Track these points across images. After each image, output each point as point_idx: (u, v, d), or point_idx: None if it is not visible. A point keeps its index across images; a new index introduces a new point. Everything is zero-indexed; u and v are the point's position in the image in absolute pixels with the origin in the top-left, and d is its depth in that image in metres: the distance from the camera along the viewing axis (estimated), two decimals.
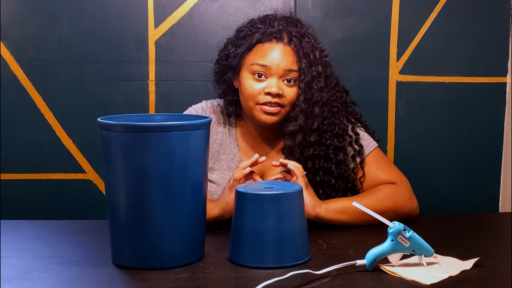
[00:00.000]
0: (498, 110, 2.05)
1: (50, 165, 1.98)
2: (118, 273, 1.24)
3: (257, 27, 1.62)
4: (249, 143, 1.68)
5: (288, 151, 1.59)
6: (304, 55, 1.57)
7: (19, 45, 1.94)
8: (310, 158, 1.58)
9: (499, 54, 2.03)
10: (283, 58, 1.56)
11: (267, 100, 1.55)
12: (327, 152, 1.60)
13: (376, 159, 1.66)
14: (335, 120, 1.61)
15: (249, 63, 1.58)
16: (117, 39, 1.95)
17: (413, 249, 1.23)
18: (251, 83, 1.56)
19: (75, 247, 1.41)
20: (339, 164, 1.61)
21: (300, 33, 1.60)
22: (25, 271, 1.24)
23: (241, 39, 1.62)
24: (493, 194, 2.08)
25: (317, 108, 1.57)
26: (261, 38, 1.58)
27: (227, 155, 1.66)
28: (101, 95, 1.96)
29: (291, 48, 1.57)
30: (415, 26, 2.00)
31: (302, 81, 1.56)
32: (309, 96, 1.56)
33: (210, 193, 1.62)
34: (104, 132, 1.24)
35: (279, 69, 1.55)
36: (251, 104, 1.57)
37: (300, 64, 1.56)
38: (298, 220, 1.28)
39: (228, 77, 1.64)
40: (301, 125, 1.56)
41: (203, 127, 1.27)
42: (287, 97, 1.56)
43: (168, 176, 1.22)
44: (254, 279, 1.18)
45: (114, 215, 1.27)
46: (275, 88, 1.54)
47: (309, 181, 1.55)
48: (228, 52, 1.64)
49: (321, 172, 1.60)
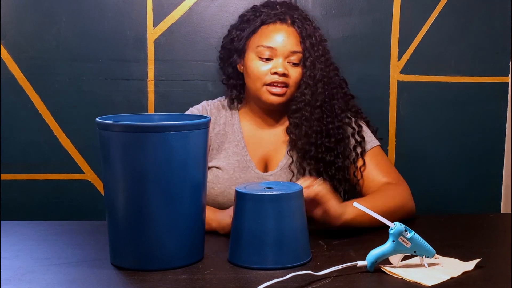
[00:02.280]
0: (500, 109, 2.04)
1: (48, 166, 1.97)
2: (116, 274, 1.23)
3: (260, 11, 1.70)
4: (253, 127, 1.72)
5: (295, 126, 1.64)
6: (308, 36, 1.64)
7: (17, 44, 1.93)
8: (314, 133, 1.63)
9: (501, 53, 2.02)
10: (288, 39, 1.62)
11: (274, 79, 1.61)
12: (327, 128, 1.64)
13: (376, 157, 1.68)
14: (335, 100, 1.67)
15: (255, 45, 1.64)
16: (115, 38, 1.94)
17: (415, 250, 1.23)
18: (257, 65, 1.62)
19: (74, 248, 1.40)
20: (339, 142, 1.65)
21: (302, 15, 1.69)
22: (23, 272, 1.24)
23: (245, 22, 1.70)
24: (495, 194, 2.07)
25: (320, 86, 1.63)
26: (266, 19, 1.66)
27: (231, 143, 1.70)
28: (99, 95, 1.96)
29: (295, 29, 1.65)
30: (416, 25, 2.00)
31: (306, 60, 1.63)
32: (313, 74, 1.62)
33: (217, 177, 1.65)
34: (102, 132, 1.24)
35: (285, 50, 1.62)
36: (258, 85, 1.62)
37: (304, 44, 1.63)
38: (298, 220, 1.27)
39: (234, 59, 1.70)
40: (308, 100, 1.63)
41: (202, 127, 1.26)
42: (292, 77, 1.63)
43: (167, 176, 1.22)
44: (254, 280, 1.17)
45: (112, 216, 1.26)
46: (281, 68, 1.60)
47: (311, 157, 1.63)
48: (232, 36, 1.72)
49: (323, 147, 1.64)
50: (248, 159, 1.68)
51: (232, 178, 1.65)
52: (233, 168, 1.66)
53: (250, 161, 1.68)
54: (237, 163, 1.67)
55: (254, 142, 1.71)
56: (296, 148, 1.65)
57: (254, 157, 1.69)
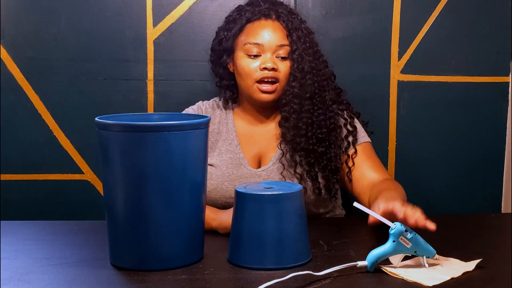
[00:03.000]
0: (501, 109, 2.03)
1: (47, 165, 1.97)
2: (116, 275, 1.23)
3: (245, 10, 1.73)
4: (246, 125, 1.75)
5: (285, 119, 1.66)
6: (294, 29, 1.66)
7: (16, 44, 1.92)
8: (304, 124, 1.65)
9: (502, 53, 2.01)
10: (274, 33, 1.65)
11: (264, 75, 1.63)
12: (319, 119, 1.66)
13: (368, 151, 1.71)
14: (326, 92, 1.69)
15: (242, 44, 1.66)
16: (115, 38, 1.94)
17: (415, 250, 1.23)
18: (246, 62, 1.64)
19: (73, 248, 1.40)
20: (330, 132, 1.67)
21: (287, 10, 1.71)
22: (22, 273, 1.23)
23: (231, 22, 1.73)
24: (495, 194, 2.07)
25: (309, 78, 1.65)
26: (251, 17, 1.68)
27: (225, 141, 1.72)
28: (99, 95, 1.95)
29: (280, 23, 1.67)
30: (417, 25, 1.99)
31: (294, 52, 1.64)
32: (301, 66, 1.64)
33: (210, 174, 1.66)
34: (102, 131, 1.23)
35: (272, 45, 1.64)
36: (249, 82, 1.65)
37: (291, 37, 1.65)
38: (299, 220, 1.27)
39: (224, 60, 1.72)
40: (296, 93, 1.64)
41: (202, 127, 1.26)
42: (281, 71, 1.64)
43: (167, 176, 1.21)
44: (254, 281, 1.17)
45: (112, 216, 1.26)
46: (270, 63, 1.62)
47: (302, 149, 1.64)
48: (220, 37, 1.74)
49: (314, 139, 1.65)
50: (241, 156, 1.69)
51: (225, 174, 1.66)
52: (226, 165, 1.68)
53: (243, 159, 1.69)
54: (230, 160, 1.68)
55: (247, 139, 1.72)
56: (286, 141, 1.66)
57: (247, 155, 1.70)
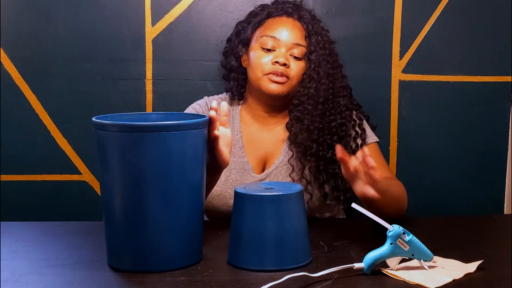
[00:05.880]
0: (504, 109, 2.04)
1: (45, 166, 1.97)
2: (114, 276, 1.22)
3: (269, 6, 1.73)
4: (253, 127, 1.72)
5: (296, 119, 1.64)
6: (314, 33, 1.66)
7: (13, 44, 1.92)
8: (316, 129, 1.64)
9: (504, 52, 2.02)
10: (292, 31, 1.65)
11: (274, 69, 1.61)
12: (330, 126, 1.65)
13: (375, 152, 1.69)
14: (340, 98, 1.67)
15: (259, 36, 1.66)
16: (113, 38, 1.94)
17: (413, 253, 1.21)
18: (260, 54, 1.64)
19: (71, 249, 1.39)
20: (341, 139, 1.65)
21: (311, 15, 1.72)
22: (20, 274, 1.22)
23: (252, 16, 1.74)
24: (498, 195, 2.07)
25: (325, 82, 1.64)
26: (273, 12, 1.70)
27: None
28: (97, 95, 1.95)
29: (301, 24, 1.67)
30: (418, 24, 1.99)
31: (311, 54, 1.64)
32: (318, 69, 1.63)
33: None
34: (99, 132, 1.22)
35: (287, 42, 1.63)
36: (259, 74, 1.63)
37: (309, 39, 1.65)
38: (299, 221, 1.26)
39: (239, 49, 1.71)
40: (312, 94, 1.63)
41: (201, 127, 1.25)
42: (293, 70, 1.63)
43: (165, 177, 1.20)
44: (254, 282, 1.16)
45: (110, 217, 1.25)
46: (282, 58, 1.61)
47: (312, 154, 1.63)
48: (239, 29, 1.75)
49: (324, 144, 1.64)
50: (245, 160, 1.67)
51: (228, 180, 1.65)
52: (229, 170, 1.65)
53: (247, 163, 1.67)
54: (233, 164, 1.66)
55: (253, 142, 1.70)
56: (296, 143, 1.65)
57: (252, 158, 1.68)
